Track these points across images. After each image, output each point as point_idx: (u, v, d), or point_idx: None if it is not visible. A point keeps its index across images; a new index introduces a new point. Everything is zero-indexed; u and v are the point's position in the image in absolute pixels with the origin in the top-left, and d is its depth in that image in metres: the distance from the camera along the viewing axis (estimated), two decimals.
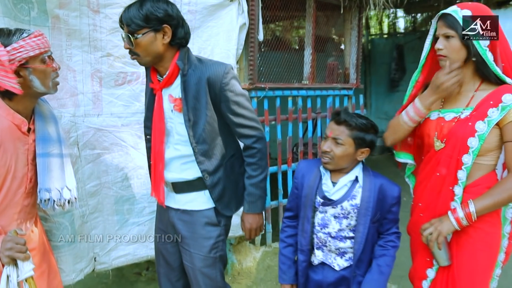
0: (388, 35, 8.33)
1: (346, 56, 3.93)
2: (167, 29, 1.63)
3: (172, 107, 1.75)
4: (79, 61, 2.20)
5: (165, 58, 1.69)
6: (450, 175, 1.64)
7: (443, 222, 1.59)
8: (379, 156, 7.48)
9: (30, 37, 1.48)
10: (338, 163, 1.73)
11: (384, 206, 1.76)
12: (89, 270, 2.34)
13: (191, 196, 1.83)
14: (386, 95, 8.19)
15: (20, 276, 1.43)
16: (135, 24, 1.59)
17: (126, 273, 3.22)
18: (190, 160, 1.80)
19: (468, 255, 1.63)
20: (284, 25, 5.21)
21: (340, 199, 1.74)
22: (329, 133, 1.74)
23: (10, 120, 1.52)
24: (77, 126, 2.22)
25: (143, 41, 1.61)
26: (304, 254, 1.83)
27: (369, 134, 1.73)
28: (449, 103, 1.71)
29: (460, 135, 1.60)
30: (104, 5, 2.19)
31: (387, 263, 1.76)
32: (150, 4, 1.59)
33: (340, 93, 3.78)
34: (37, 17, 2.00)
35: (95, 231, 2.34)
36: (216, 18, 2.65)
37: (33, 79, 1.50)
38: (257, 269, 3.19)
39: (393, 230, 1.81)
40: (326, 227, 1.78)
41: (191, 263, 1.84)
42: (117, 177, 2.39)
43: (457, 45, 1.59)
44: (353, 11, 3.73)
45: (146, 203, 2.52)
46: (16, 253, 1.42)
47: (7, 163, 1.51)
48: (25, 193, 1.61)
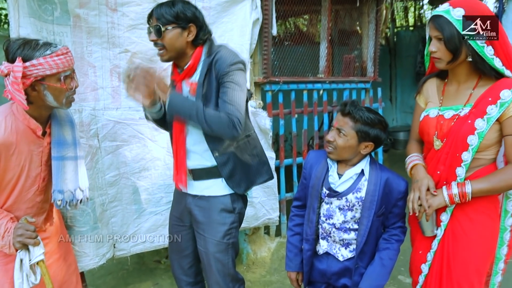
0: (414, 27, 8.15)
1: (364, 49, 3.91)
2: (193, 28, 1.76)
3: (188, 91, 1.84)
4: (98, 57, 2.31)
5: (186, 55, 1.81)
6: (449, 172, 1.63)
7: (435, 197, 1.60)
8: (404, 151, 7.35)
9: (51, 56, 1.52)
10: (340, 153, 1.75)
11: (390, 200, 1.75)
12: (110, 256, 2.47)
13: (208, 182, 1.91)
14: (411, 88, 8.02)
15: (32, 260, 1.57)
16: (166, 19, 1.71)
17: (147, 261, 3.35)
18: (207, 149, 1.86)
19: (463, 247, 1.63)
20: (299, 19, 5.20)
21: (345, 191, 1.75)
22: (335, 123, 1.77)
23: (26, 125, 1.62)
24: (97, 119, 2.34)
25: (170, 34, 1.73)
26: (309, 243, 1.86)
27: (375, 129, 1.72)
28: (448, 100, 1.68)
29: (460, 133, 1.58)
30: (122, 4, 2.30)
31: (390, 257, 1.77)
32: (182, 4, 1.75)
33: (357, 86, 3.78)
34: (60, 16, 2.13)
35: (114, 219, 2.47)
36: (230, 14, 2.71)
37: (47, 94, 1.57)
38: (271, 259, 3.26)
39: (398, 224, 1.81)
40: (331, 218, 1.80)
41: (205, 248, 1.92)
42: (135, 168, 2.51)
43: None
44: (370, 3, 3.71)
45: (163, 193, 2.63)
46: (26, 239, 1.54)
47: (21, 163, 1.62)
48: (38, 191, 1.71)
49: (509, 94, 1.52)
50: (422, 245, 1.75)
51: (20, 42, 1.53)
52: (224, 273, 1.92)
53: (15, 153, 1.59)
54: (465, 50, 1.54)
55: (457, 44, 1.53)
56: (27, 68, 1.48)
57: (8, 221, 1.57)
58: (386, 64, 7.74)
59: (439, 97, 1.73)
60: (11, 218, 1.59)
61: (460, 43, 1.52)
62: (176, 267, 2.10)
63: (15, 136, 1.58)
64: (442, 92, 1.72)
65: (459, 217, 1.64)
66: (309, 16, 5.08)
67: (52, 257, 1.81)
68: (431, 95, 1.76)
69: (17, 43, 1.52)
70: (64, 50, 1.57)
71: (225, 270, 1.92)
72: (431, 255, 1.71)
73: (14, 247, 1.55)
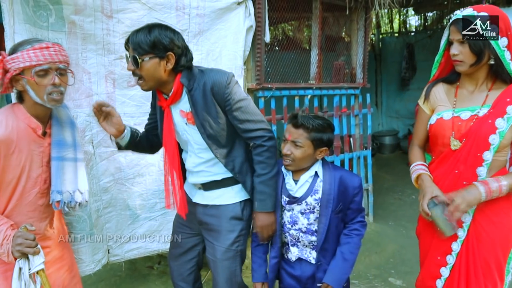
0: (398, 34, 8.32)
1: (353, 56, 3.99)
2: (171, 57, 1.69)
3: (186, 121, 1.84)
4: (93, 64, 2.32)
5: (167, 82, 1.76)
6: (469, 172, 1.65)
7: (470, 192, 1.59)
8: (390, 155, 7.50)
9: (28, 50, 1.53)
10: (298, 164, 1.79)
11: (346, 197, 1.81)
12: (105, 262, 2.47)
13: (219, 191, 1.92)
14: (397, 93, 8.19)
15: (32, 269, 1.53)
16: (142, 49, 1.65)
17: (139, 267, 3.33)
18: (215, 163, 1.88)
19: (487, 248, 1.66)
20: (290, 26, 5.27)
21: (304, 196, 1.81)
22: (288, 136, 1.79)
23: (27, 124, 1.62)
24: (92, 125, 2.34)
25: (148, 65, 1.67)
26: (275, 251, 1.89)
27: (326, 133, 1.77)
28: (463, 102, 1.71)
29: (482, 132, 1.61)
30: (117, 11, 2.31)
31: (350, 251, 1.81)
32: (158, 31, 1.66)
33: (347, 92, 3.85)
34: (55, 23, 2.13)
35: (108, 224, 2.47)
36: (224, 21, 2.74)
37: (28, 89, 1.58)
38: None
39: (357, 219, 1.86)
40: (296, 224, 1.84)
41: (213, 256, 1.92)
42: (129, 174, 2.52)
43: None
44: (359, 11, 3.79)
45: (157, 199, 2.64)
46: (25, 248, 1.51)
47: (21, 163, 1.61)
48: (40, 193, 1.70)
49: None
50: (440, 250, 1.75)
51: (19, 41, 1.60)
52: (232, 281, 1.93)
53: (15, 152, 1.58)
54: (487, 53, 1.59)
55: (481, 47, 1.58)
56: (7, 61, 1.54)
57: (8, 228, 1.55)
58: (371, 70, 7.86)
59: (450, 100, 1.76)
60: (11, 225, 1.57)
61: (484, 46, 1.58)
62: (175, 273, 2.10)
63: (15, 135, 1.58)
64: (455, 95, 1.76)
65: (480, 219, 1.67)
66: (300, 23, 5.14)
67: (56, 265, 1.79)
68: (441, 99, 1.79)
69: (21, 41, 1.60)
70: (45, 44, 1.56)
71: (232, 278, 1.93)
72: (453, 257, 1.72)
73: (13, 256, 1.52)
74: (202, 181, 1.92)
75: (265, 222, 1.85)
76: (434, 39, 7.18)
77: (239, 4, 2.76)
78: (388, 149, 7.60)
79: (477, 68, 1.65)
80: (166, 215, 2.67)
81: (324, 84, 3.67)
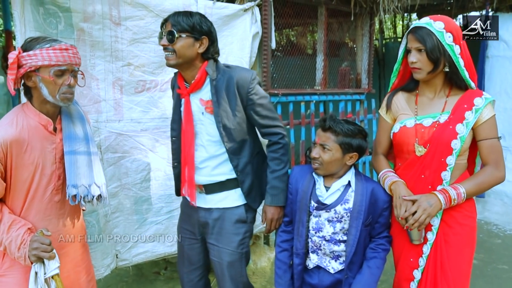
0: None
1: (358, 61, 4.00)
2: (205, 41, 1.80)
3: (204, 109, 1.88)
4: (101, 70, 2.35)
5: (193, 66, 1.83)
6: (434, 176, 1.72)
7: (431, 204, 1.64)
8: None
9: (48, 48, 1.55)
10: (327, 168, 1.79)
11: (376, 210, 1.80)
12: (114, 266, 2.48)
13: (222, 195, 1.94)
14: None
15: (47, 274, 1.55)
16: (181, 26, 1.75)
17: (146, 272, 3.34)
18: (220, 161, 1.91)
19: (456, 250, 1.72)
20: (296, 32, 5.30)
21: (334, 203, 1.79)
22: (317, 139, 1.80)
23: (37, 121, 1.63)
24: (100, 131, 2.36)
25: (182, 42, 1.76)
26: (299, 257, 1.88)
27: (356, 139, 1.76)
28: (424, 109, 1.78)
29: (444, 138, 1.68)
30: (125, 18, 2.34)
31: (377, 265, 1.80)
32: (199, 16, 1.80)
33: (352, 98, 3.86)
34: (64, 30, 2.16)
35: (116, 229, 2.48)
36: (230, 28, 2.77)
37: (42, 86, 1.59)
38: (271, 269, 3.28)
39: (384, 234, 1.86)
40: (320, 231, 1.82)
41: (219, 258, 1.94)
42: (136, 178, 2.53)
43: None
44: (364, 17, 3.81)
45: (163, 203, 2.66)
46: (41, 252, 1.52)
47: (35, 161, 1.62)
48: (55, 190, 1.70)
49: (482, 101, 1.67)
50: (412, 253, 1.81)
51: (31, 38, 1.60)
52: (238, 282, 1.95)
53: (27, 150, 1.59)
54: (443, 61, 1.67)
55: (438, 55, 1.65)
56: (23, 57, 1.54)
57: (25, 232, 1.56)
58: (375, 75, 7.85)
59: (412, 107, 1.82)
60: (28, 229, 1.59)
61: (440, 53, 1.65)
62: (185, 280, 2.11)
63: (27, 133, 1.59)
64: (415, 102, 1.82)
65: (448, 221, 1.74)
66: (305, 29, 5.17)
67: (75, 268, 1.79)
68: (402, 108, 1.84)
69: (29, 38, 1.60)
70: (64, 46, 1.59)
71: (239, 279, 1.96)
72: (424, 260, 1.78)
73: (29, 260, 1.53)
74: (205, 181, 1.93)
75: (275, 215, 1.94)
76: None
77: (245, 11, 2.79)
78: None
79: (434, 75, 1.72)
80: (171, 218, 2.69)
81: (330, 89, 3.69)
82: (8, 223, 1.57)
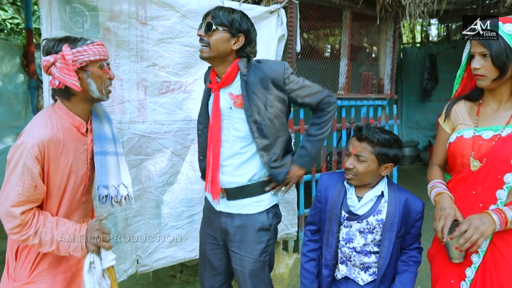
0: (420, 44, 8.22)
1: (381, 66, 3.93)
2: (241, 39, 1.80)
3: (232, 104, 1.84)
4: (126, 71, 2.31)
5: (226, 61, 1.82)
6: (487, 194, 1.55)
7: (484, 222, 1.46)
8: (409, 166, 7.39)
9: (93, 44, 1.58)
10: (361, 179, 1.72)
11: (408, 221, 1.73)
12: (132, 272, 2.43)
13: (244, 201, 1.89)
14: (417, 104, 8.08)
15: (103, 265, 1.51)
16: (220, 20, 1.75)
17: (161, 275, 3.30)
18: (244, 160, 1.86)
19: (506, 277, 1.55)
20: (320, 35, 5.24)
21: (366, 214, 1.72)
22: (352, 149, 1.73)
23: (70, 122, 1.61)
24: (123, 132, 2.32)
25: (218, 35, 1.76)
26: (329, 269, 1.81)
27: (393, 149, 1.70)
28: (485, 121, 1.62)
29: (504, 153, 1.51)
30: (152, 18, 2.30)
31: (410, 279, 1.74)
32: (240, 15, 1.81)
33: (374, 103, 3.79)
34: (90, 29, 2.13)
35: (138, 233, 2.43)
36: (256, 30, 2.71)
37: (90, 82, 1.58)
38: (289, 275, 3.22)
39: (415, 245, 1.79)
40: (351, 242, 1.76)
41: (241, 266, 1.88)
42: (158, 182, 2.49)
43: None
44: (389, 22, 3.74)
45: (184, 208, 2.61)
46: (102, 241, 1.50)
47: (69, 163, 1.59)
48: (85, 190, 1.69)
49: None
50: (453, 274, 1.65)
51: (60, 37, 1.59)
52: None
53: (63, 152, 1.56)
54: (511, 67, 1.50)
55: (505, 60, 1.49)
56: (73, 54, 1.52)
57: (74, 223, 1.54)
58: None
59: (472, 118, 1.67)
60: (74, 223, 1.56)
61: (508, 59, 1.49)
62: (207, 285, 2.07)
63: (61, 134, 1.56)
64: (477, 113, 1.66)
65: (498, 244, 1.56)
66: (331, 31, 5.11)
67: None
68: (462, 117, 1.70)
69: (58, 38, 1.58)
70: (100, 42, 1.63)
71: (262, 286, 1.90)
72: (467, 284, 1.61)
73: (86, 250, 1.50)
74: (228, 182, 1.88)
75: (297, 174, 1.95)
76: (457, 50, 7.07)
77: (271, 13, 2.74)
78: (408, 160, 7.48)
79: (500, 83, 1.55)
80: (192, 223, 2.64)
81: (353, 94, 3.62)
82: (55, 221, 1.53)
